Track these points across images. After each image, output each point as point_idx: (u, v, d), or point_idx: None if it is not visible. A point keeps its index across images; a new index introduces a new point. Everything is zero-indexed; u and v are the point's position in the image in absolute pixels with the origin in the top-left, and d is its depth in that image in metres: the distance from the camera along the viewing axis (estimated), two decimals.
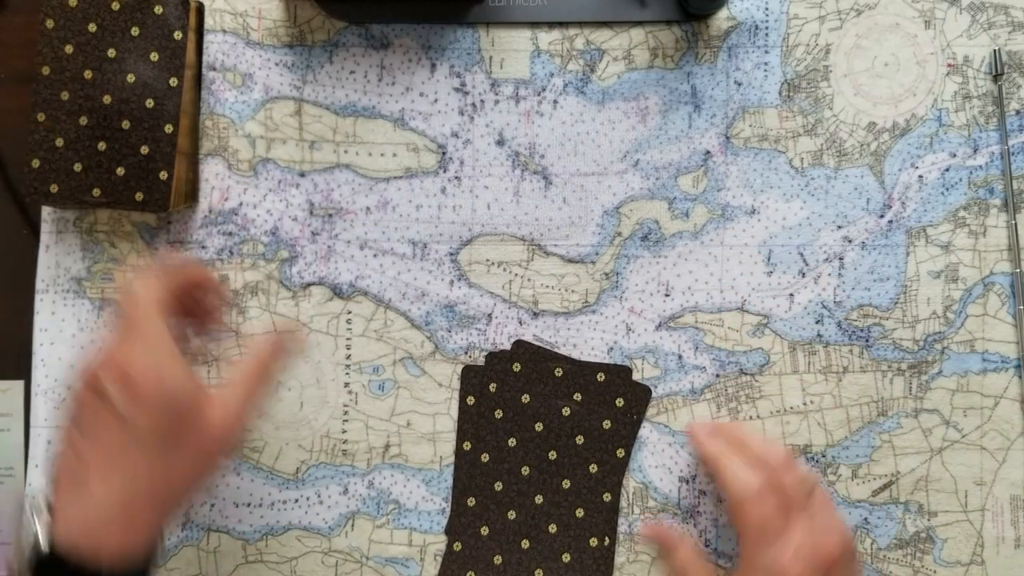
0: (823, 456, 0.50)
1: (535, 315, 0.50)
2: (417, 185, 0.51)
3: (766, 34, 0.51)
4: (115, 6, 0.48)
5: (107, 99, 0.47)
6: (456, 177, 0.51)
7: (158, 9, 0.48)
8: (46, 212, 0.51)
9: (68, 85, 0.47)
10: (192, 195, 0.50)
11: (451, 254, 0.51)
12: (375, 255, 0.51)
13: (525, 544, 0.49)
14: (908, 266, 0.50)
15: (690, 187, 0.50)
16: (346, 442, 0.50)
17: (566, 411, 0.49)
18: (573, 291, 0.51)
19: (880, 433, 0.49)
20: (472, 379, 0.50)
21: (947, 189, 0.50)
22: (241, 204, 0.51)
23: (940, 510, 0.49)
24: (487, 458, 0.49)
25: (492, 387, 0.49)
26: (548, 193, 0.51)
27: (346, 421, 0.50)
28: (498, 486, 0.49)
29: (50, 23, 0.48)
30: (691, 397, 0.50)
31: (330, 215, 0.51)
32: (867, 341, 0.50)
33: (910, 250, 0.50)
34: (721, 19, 0.51)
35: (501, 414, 0.49)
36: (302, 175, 0.51)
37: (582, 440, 0.49)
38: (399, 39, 0.51)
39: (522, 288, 0.51)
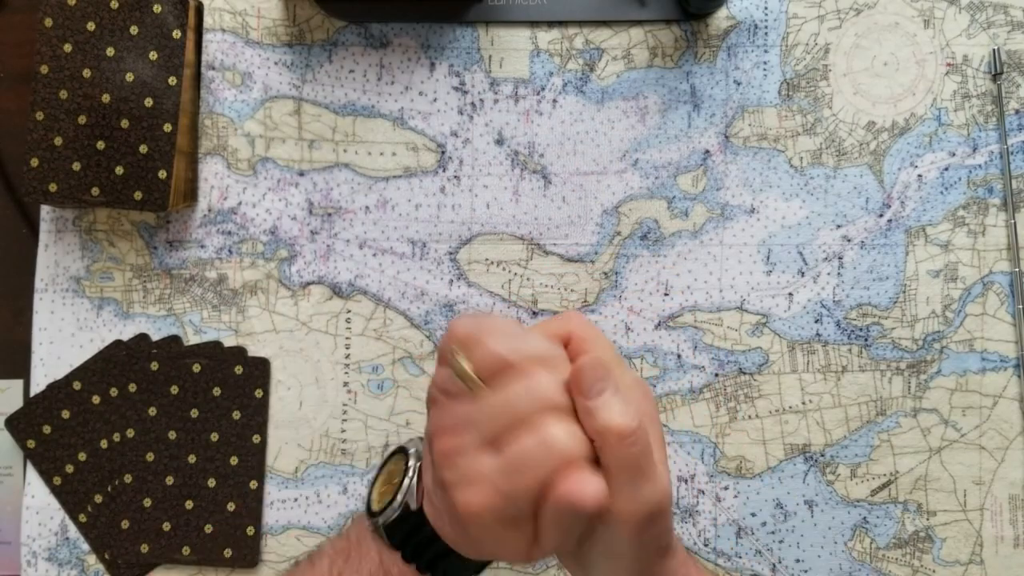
0: (822, 455, 0.50)
1: (534, 314, 0.50)
2: (416, 184, 0.51)
3: (765, 33, 0.51)
4: (114, 5, 0.48)
5: (106, 98, 0.47)
6: (455, 176, 0.51)
7: (157, 8, 0.48)
8: (45, 211, 0.51)
9: (67, 84, 0.47)
10: (191, 194, 0.50)
11: (450, 253, 0.51)
12: (374, 254, 0.51)
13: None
14: (907, 265, 0.50)
15: (689, 186, 0.50)
16: (345, 441, 0.50)
17: (194, 412, 0.50)
18: (572, 290, 0.50)
19: (879, 432, 0.50)
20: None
21: (946, 188, 0.50)
22: (240, 203, 0.51)
23: (939, 509, 0.49)
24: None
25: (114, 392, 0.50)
26: (547, 192, 0.51)
27: (345, 420, 0.50)
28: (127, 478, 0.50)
29: (49, 22, 0.47)
30: (690, 396, 0.50)
31: (329, 214, 0.51)
32: (866, 340, 0.50)
33: (909, 249, 0.50)
34: (720, 18, 0.51)
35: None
36: (301, 174, 0.51)
37: (216, 437, 0.50)
38: (398, 38, 0.51)
39: (521, 287, 0.51)
